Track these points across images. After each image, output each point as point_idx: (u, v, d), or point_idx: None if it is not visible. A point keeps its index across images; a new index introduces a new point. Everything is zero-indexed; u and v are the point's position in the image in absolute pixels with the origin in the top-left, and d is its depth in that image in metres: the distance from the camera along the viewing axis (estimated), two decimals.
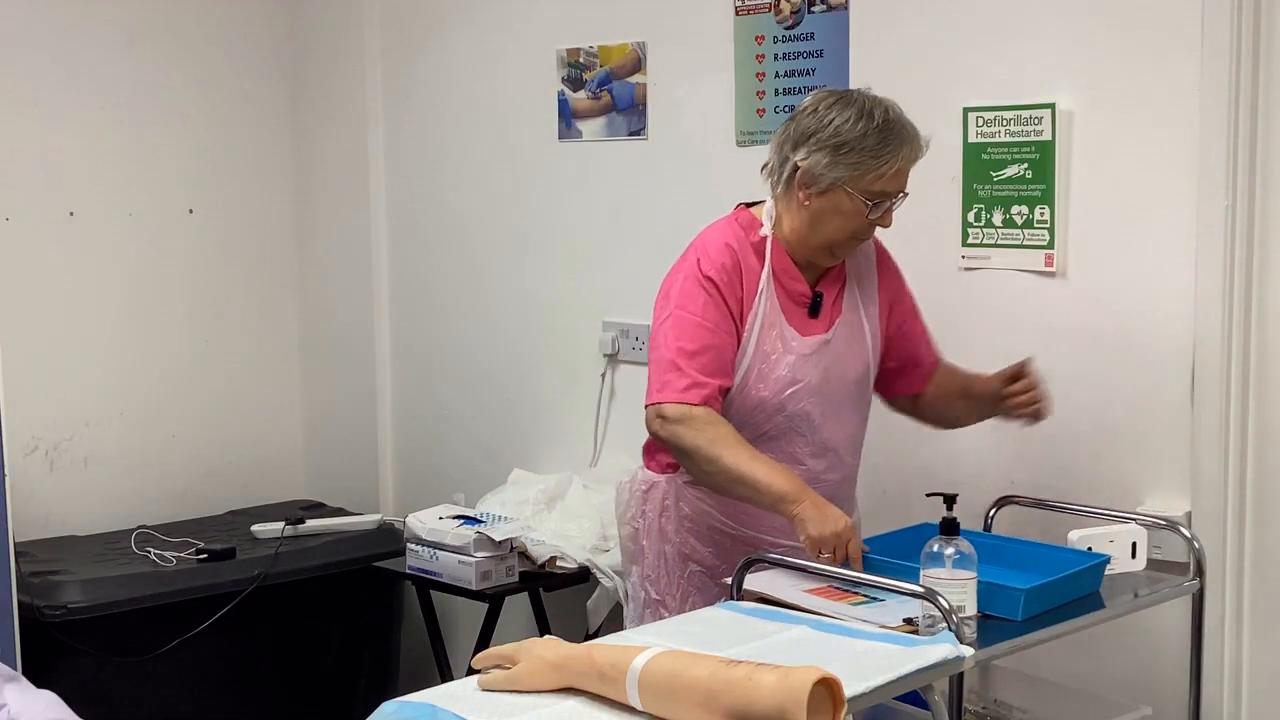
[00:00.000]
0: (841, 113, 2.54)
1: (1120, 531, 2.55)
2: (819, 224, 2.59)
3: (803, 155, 2.55)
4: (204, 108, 4.28)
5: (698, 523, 2.71)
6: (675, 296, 2.61)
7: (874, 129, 2.52)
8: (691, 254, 2.65)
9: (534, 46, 3.82)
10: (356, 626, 3.94)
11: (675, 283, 2.64)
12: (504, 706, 1.82)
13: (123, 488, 4.15)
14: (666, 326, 2.61)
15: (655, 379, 2.61)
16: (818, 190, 2.55)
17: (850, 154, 2.51)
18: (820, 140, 2.53)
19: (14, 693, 2.30)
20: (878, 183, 2.53)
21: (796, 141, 2.57)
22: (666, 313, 2.62)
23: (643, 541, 2.76)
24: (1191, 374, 2.73)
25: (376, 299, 4.30)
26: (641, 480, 2.78)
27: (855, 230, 2.59)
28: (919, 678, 2.01)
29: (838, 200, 2.55)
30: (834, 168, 2.53)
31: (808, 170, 2.55)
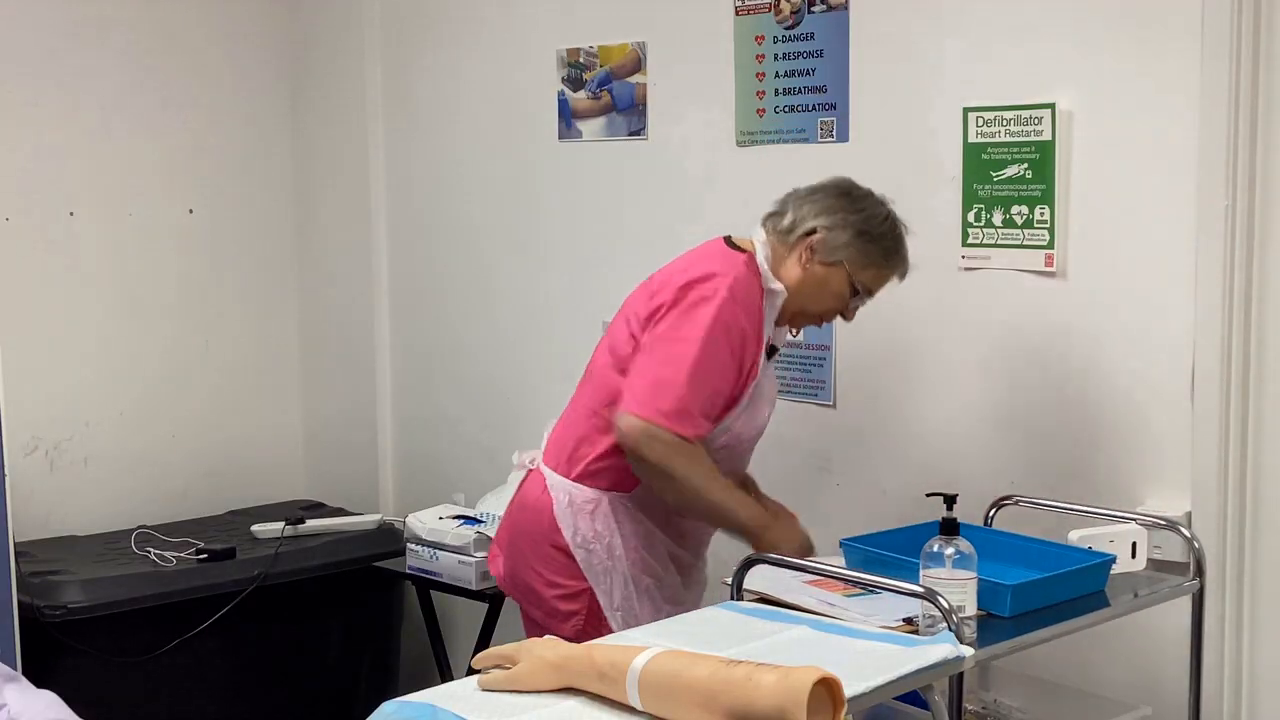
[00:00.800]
0: (875, 208, 2.72)
1: (1120, 531, 2.55)
2: (805, 290, 2.72)
3: (826, 223, 2.69)
4: (204, 108, 4.28)
5: (647, 539, 2.78)
6: (706, 326, 2.61)
7: (894, 235, 2.73)
8: (719, 285, 2.63)
9: (534, 46, 3.82)
10: (356, 626, 3.94)
11: (703, 308, 2.62)
12: (504, 706, 1.82)
13: (123, 488, 4.16)
14: (686, 351, 2.60)
15: (659, 396, 2.59)
16: (821, 260, 2.69)
17: (867, 243, 2.69)
18: (849, 221, 2.69)
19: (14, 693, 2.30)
20: (871, 278, 2.72)
21: (823, 210, 2.71)
22: (691, 333, 2.60)
23: (607, 563, 2.75)
24: (1191, 374, 2.73)
25: (376, 299, 4.30)
26: (583, 500, 2.75)
27: (827, 310, 2.77)
28: (919, 678, 2.01)
29: (833, 277, 2.70)
30: (849, 248, 2.68)
31: (824, 239, 2.69)
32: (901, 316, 3.14)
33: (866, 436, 3.23)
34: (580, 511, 2.75)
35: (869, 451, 3.23)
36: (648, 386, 2.61)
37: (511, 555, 2.89)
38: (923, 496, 2.48)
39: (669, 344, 2.62)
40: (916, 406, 3.13)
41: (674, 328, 2.63)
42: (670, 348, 2.62)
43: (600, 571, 2.76)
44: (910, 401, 3.14)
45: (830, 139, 3.22)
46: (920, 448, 3.13)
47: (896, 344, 3.16)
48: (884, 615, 2.23)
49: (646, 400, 2.60)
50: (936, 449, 3.10)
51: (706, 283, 2.65)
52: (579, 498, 2.76)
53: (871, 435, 3.23)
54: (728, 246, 2.76)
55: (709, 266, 2.69)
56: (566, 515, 2.76)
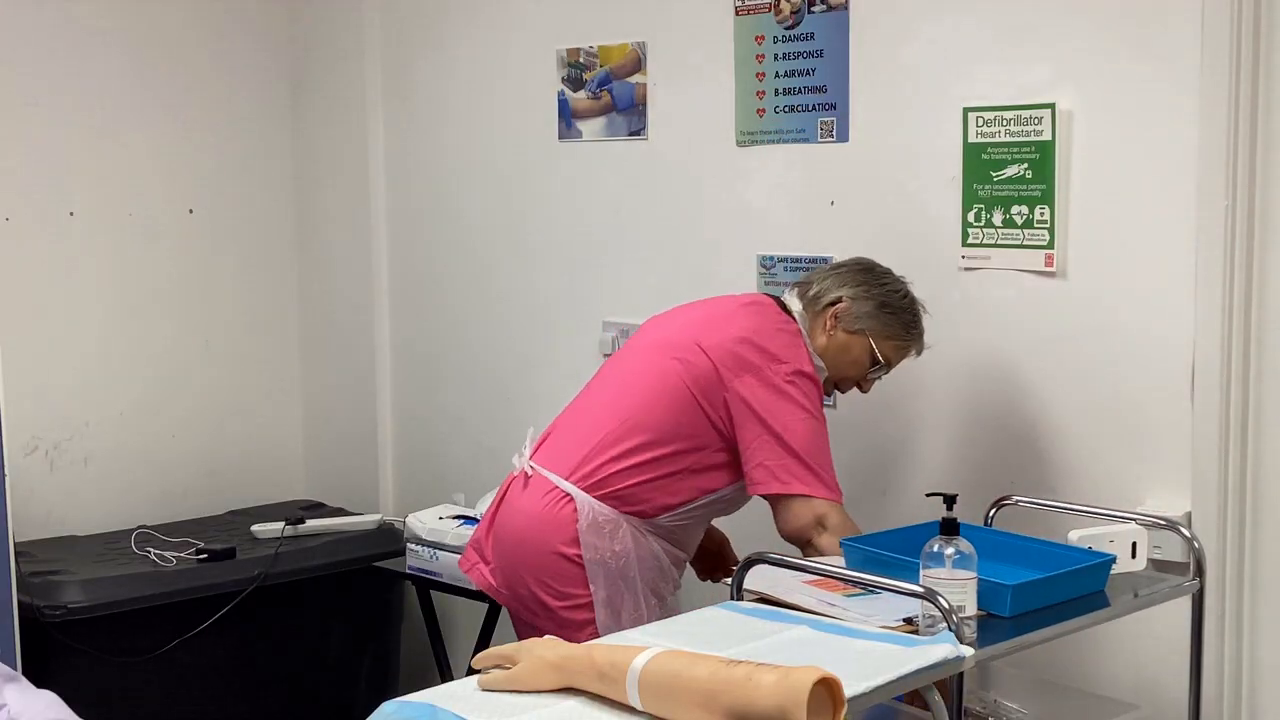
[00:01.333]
0: (896, 285, 2.87)
1: (1120, 531, 2.55)
2: (828, 356, 2.84)
3: (851, 293, 2.83)
4: (204, 108, 4.28)
5: (659, 560, 2.83)
6: (813, 405, 2.75)
7: (913, 310, 2.87)
8: (801, 362, 2.77)
9: (534, 46, 3.82)
10: (356, 626, 3.94)
11: (799, 389, 2.74)
12: (504, 706, 1.82)
13: (123, 488, 4.16)
14: (813, 428, 2.74)
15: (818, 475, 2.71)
16: (846, 328, 2.82)
17: (889, 314, 2.83)
18: (872, 294, 2.83)
19: (14, 693, 2.30)
20: (891, 350, 2.85)
21: (849, 282, 2.85)
22: (807, 414, 2.73)
23: (619, 582, 2.77)
24: (1191, 374, 2.73)
25: (376, 299, 4.30)
26: (604, 519, 2.76)
27: (845, 379, 2.88)
28: (919, 678, 2.01)
29: (856, 345, 2.83)
30: (871, 319, 2.82)
31: (849, 308, 2.82)
32: None
33: (866, 436, 3.23)
34: (600, 530, 2.76)
35: (869, 451, 3.23)
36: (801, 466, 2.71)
37: (507, 566, 2.85)
38: (923, 496, 2.48)
39: (796, 423, 2.73)
40: (916, 406, 3.13)
41: (789, 404, 2.73)
42: (801, 427, 2.72)
43: (613, 592, 2.77)
44: (910, 402, 3.14)
45: (830, 139, 3.22)
46: (920, 448, 3.13)
47: None
48: (884, 615, 2.23)
49: (811, 480, 2.71)
50: (936, 449, 3.10)
51: (793, 359, 2.77)
52: (600, 517, 2.76)
53: (871, 435, 3.23)
54: (781, 309, 2.88)
55: (782, 343, 2.79)
56: (589, 533, 2.76)
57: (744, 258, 3.38)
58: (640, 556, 2.78)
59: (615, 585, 2.76)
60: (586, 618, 2.76)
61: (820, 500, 2.70)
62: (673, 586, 2.90)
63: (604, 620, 2.76)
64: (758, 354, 2.76)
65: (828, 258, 3.20)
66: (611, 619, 2.76)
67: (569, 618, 2.76)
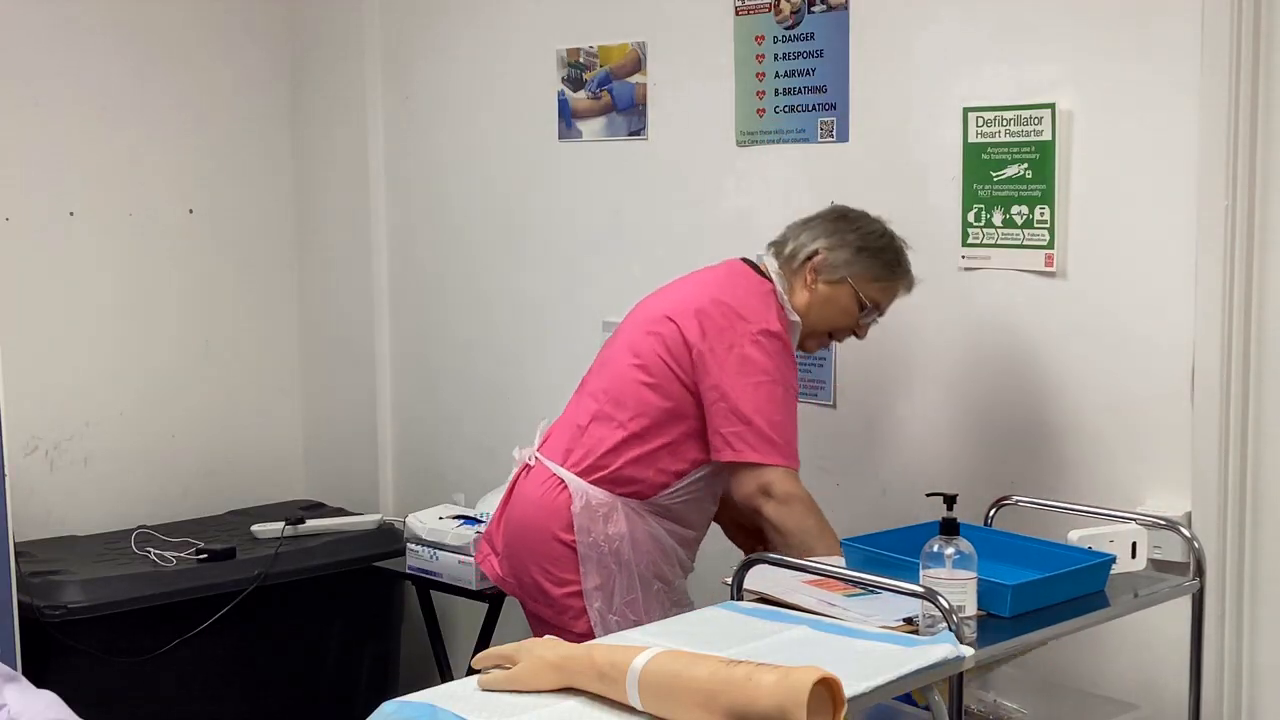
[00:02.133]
0: (870, 225, 2.83)
1: (1120, 531, 2.55)
2: (814, 311, 2.81)
3: (825, 244, 2.80)
4: (204, 108, 4.28)
5: (660, 542, 2.82)
6: (778, 369, 2.73)
7: (893, 248, 2.83)
8: (769, 321, 2.74)
9: (534, 46, 3.82)
10: (356, 626, 3.94)
11: (766, 351, 2.72)
12: (504, 706, 1.82)
13: (123, 488, 4.16)
14: (776, 395, 2.72)
15: (770, 440, 2.69)
16: (827, 279, 2.79)
17: (869, 257, 2.79)
18: (846, 240, 2.80)
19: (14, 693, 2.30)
20: (878, 292, 2.82)
21: (821, 234, 2.81)
22: (770, 379, 2.71)
23: (611, 565, 2.78)
24: (1191, 374, 2.73)
25: (377, 299, 4.30)
26: (599, 503, 2.79)
27: (838, 328, 2.85)
28: (919, 678, 2.01)
29: (840, 294, 2.80)
30: (851, 264, 2.79)
31: (827, 259, 2.79)
32: (901, 316, 3.13)
33: (866, 436, 3.23)
34: (594, 514, 2.78)
35: (869, 451, 3.23)
36: (754, 431, 2.70)
37: (513, 554, 2.89)
38: (923, 496, 2.48)
39: (760, 390, 2.71)
40: (916, 406, 3.14)
41: (751, 371, 2.71)
42: (760, 392, 2.71)
43: (604, 575, 2.78)
44: (910, 401, 3.14)
45: (830, 139, 3.22)
46: (920, 448, 3.12)
47: (896, 344, 3.15)
48: (884, 615, 2.23)
49: (763, 447, 2.70)
50: (936, 449, 3.10)
51: (751, 318, 2.74)
52: (594, 500, 2.78)
53: (871, 435, 3.23)
54: (753, 270, 2.84)
55: (752, 304, 2.77)
56: (583, 517, 2.78)
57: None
58: (637, 539, 2.78)
59: (608, 570, 2.78)
60: (584, 605, 2.79)
61: (768, 468, 2.70)
62: (680, 569, 2.89)
63: (596, 607, 2.78)
64: (723, 315, 2.75)
65: None
66: (604, 604, 2.77)
67: (568, 604, 2.79)
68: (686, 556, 2.91)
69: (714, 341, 2.73)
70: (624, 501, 2.79)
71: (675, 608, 2.80)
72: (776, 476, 2.70)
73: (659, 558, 2.83)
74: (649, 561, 2.81)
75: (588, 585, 2.79)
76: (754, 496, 2.72)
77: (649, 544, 2.80)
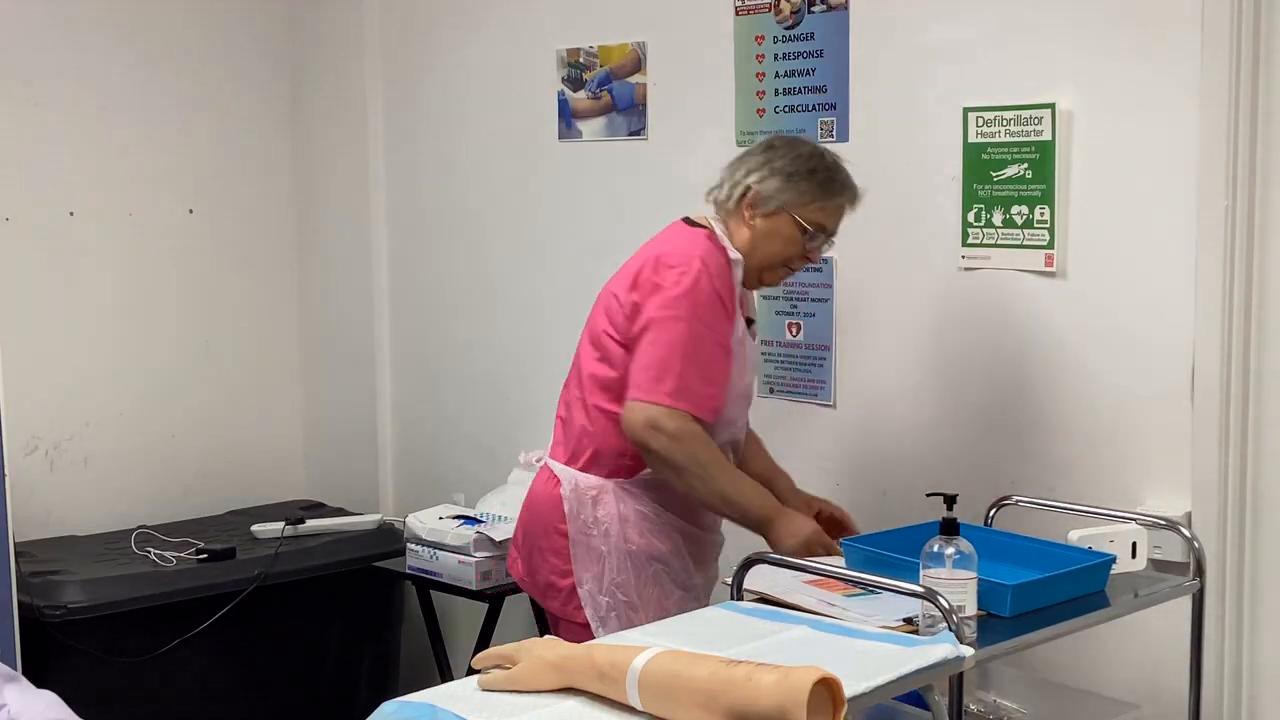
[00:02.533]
0: (796, 148, 2.78)
1: (1120, 531, 2.55)
2: (758, 245, 2.76)
3: (756, 179, 2.75)
4: (204, 108, 4.28)
5: (657, 521, 2.79)
6: (689, 304, 2.66)
7: (825, 166, 2.76)
8: (691, 262, 2.69)
9: (534, 46, 3.82)
10: (356, 626, 3.94)
11: (680, 285, 2.68)
12: (504, 706, 1.82)
13: (123, 488, 4.16)
14: (676, 331, 2.66)
15: (660, 379, 2.65)
16: (764, 211, 2.75)
17: (801, 181, 2.73)
18: (774, 168, 2.75)
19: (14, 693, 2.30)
20: (819, 214, 2.74)
21: (752, 168, 2.77)
22: (675, 315, 2.66)
23: (600, 547, 2.78)
24: (1191, 374, 2.73)
25: (376, 299, 4.30)
26: (587, 487, 2.79)
27: (789, 257, 2.79)
28: (919, 678, 2.01)
29: (780, 224, 2.74)
30: (784, 192, 2.73)
31: (759, 192, 2.74)
32: (901, 316, 3.14)
33: (866, 436, 3.23)
34: (583, 498, 2.79)
35: (869, 451, 3.22)
36: (646, 371, 2.67)
37: (526, 551, 2.91)
38: (923, 496, 2.48)
39: (658, 328, 2.68)
40: (916, 406, 3.13)
41: (660, 310, 2.68)
42: (660, 332, 2.67)
43: (593, 557, 2.77)
44: (910, 401, 3.14)
45: (830, 139, 3.22)
46: (920, 448, 3.12)
47: (896, 344, 3.16)
48: (884, 615, 2.23)
49: (649, 385, 2.65)
50: (936, 449, 3.10)
51: (680, 263, 2.70)
52: (583, 484, 2.79)
53: (871, 435, 3.23)
54: (689, 225, 2.82)
55: (677, 248, 2.75)
56: (571, 500, 2.80)
57: None
58: (626, 518, 2.77)
59: (597, 552, 2.77)
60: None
61: (657, 407, 2.63)
62: (688, 548, 2.82)
63: (587, 588, 2.77)
64: (652, 269, 2.73)
65: (828, 258, 3.21)
66: (594, 584, 2.77)
67: (572, 595, 2.80)
68: (695, 525, 2.84)
69: (642, 293, 2.72)
70: (616, 483, 2.78)
71: (678, 589, 2.79)
72: (663, 415, 2.63)
73: (656, 537, 2.79)
74: (643, 544, 2.78)
75: (578, 569, 2.79)
76: (638, 431, 2.64)
77: (640, 523, 2.78)
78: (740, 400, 2.84)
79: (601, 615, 2.76)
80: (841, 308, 3.24)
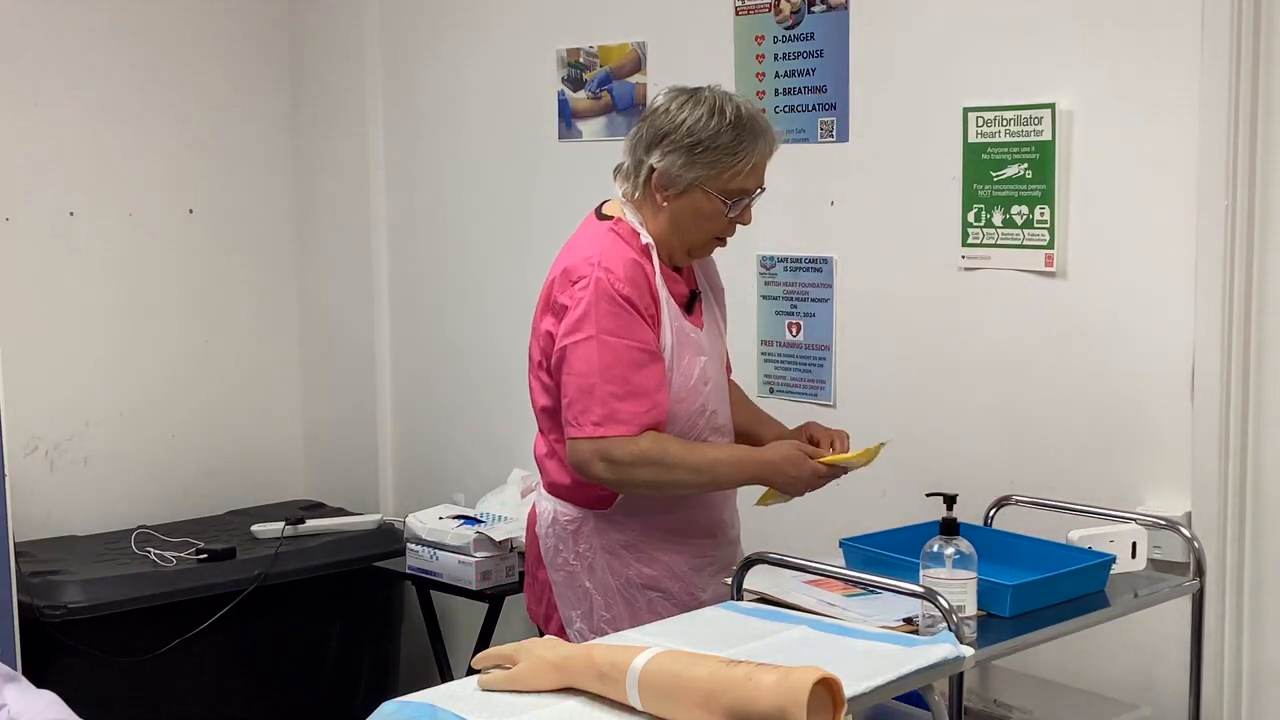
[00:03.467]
0: (693, 111, 2.51)
1: (1120, 531, 2.55)
2: (680, 226, 2.56)
3: (658, 157, 2.52)
4: (204, 108, 4.28)
5: (642, 549, 2.63)
6: (595, 319, 2.48)
7: (727, 126, 2.49)
8: (590, 269, 2.51)
9: (534, 46, 3.82)
10: (356, 626, 3.94)
11: (582, 301, 2.49)
12: (504, 706, 1.82)
13: (123, 488, 4.16)
14: (590, 352, 2.48)
15: (585, 410, 2.47)
16: (675, 192, 2.53)
17: (706, 153, 2.49)
18: (674, 141, 2.50)
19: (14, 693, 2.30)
20: (735, 180, 2.52)
21: (650, 143, 2.54)
22: (584, 335, 2.49)
23: (585, 583, 2.62)
24: (1191, 374, 2.73)
25: (376, 299, 4.30)
26: (567, 519, 2.63)
27: (716, 231, 2.58)
28: (919, 678, 2.01)
29: (696, 201, 2.53)
30: (690, 168, 2.50)
31: (664, 172, 2.52)
32: (901, 316, 3.14)
33: (866, 436, 3.22)
34: (563, 532, 2.64)
35: None
36: (571, 407, 2.51)
37: (530, 586, 2.77)
38: (923, 496, 2.48)
39: (571, 355, 2.50)
40: (916, 406, 3.13)
41: (567, 335, 2.51)
42: (573, 359, 2.50)
43: (579, 595, 2.63)
44: (910, 401, 3.14)
45: (830, 139, 3.22)
46: (920, 448, 3.12)
47: (896, 344, 3.15)
48: (884, 615, 2.23)
49: (577, 420, 2.49)
50: (936, 449, 3.10)
51: (581, 276, 2.51)
52: (563, 516, 2.64)
53: (871, 435, 3.22)
54: (597, 219, 2.64)
55: (579, 255, 2.55)
56: (549, 535, 2.65)
57: (743, 257, 3.37)
58: (608, 548, 2.61)
59: (582, 589, 2.62)
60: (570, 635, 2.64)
61: (589, 441, 2.46)
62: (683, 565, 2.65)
63: (576, 628, 2.63)
64: (559, 287, 2.54)
65: (828, 258, 3.21)
66: (584, 624, 2.63)
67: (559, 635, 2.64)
68: (700, 542, 2.67)
69: (553, 317, 2.55)
70: (595, 514, 2.61)
71: (686, 611, 2.54)
72: (602, 447, 2.46)
73: (645, 565, 2.63)
74: (630, 573, 2.62)
75: (565, 609, 2.65)
76: (585, 470, 2.48)
77: (624, 554, 2.62)
78: (696, 391, 2.61)
79: None
80: (841, 308, 3.24)
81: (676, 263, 2.63)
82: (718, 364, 2.71)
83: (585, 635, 2.60)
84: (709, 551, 2.71)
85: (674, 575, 2.66)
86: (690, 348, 2.61)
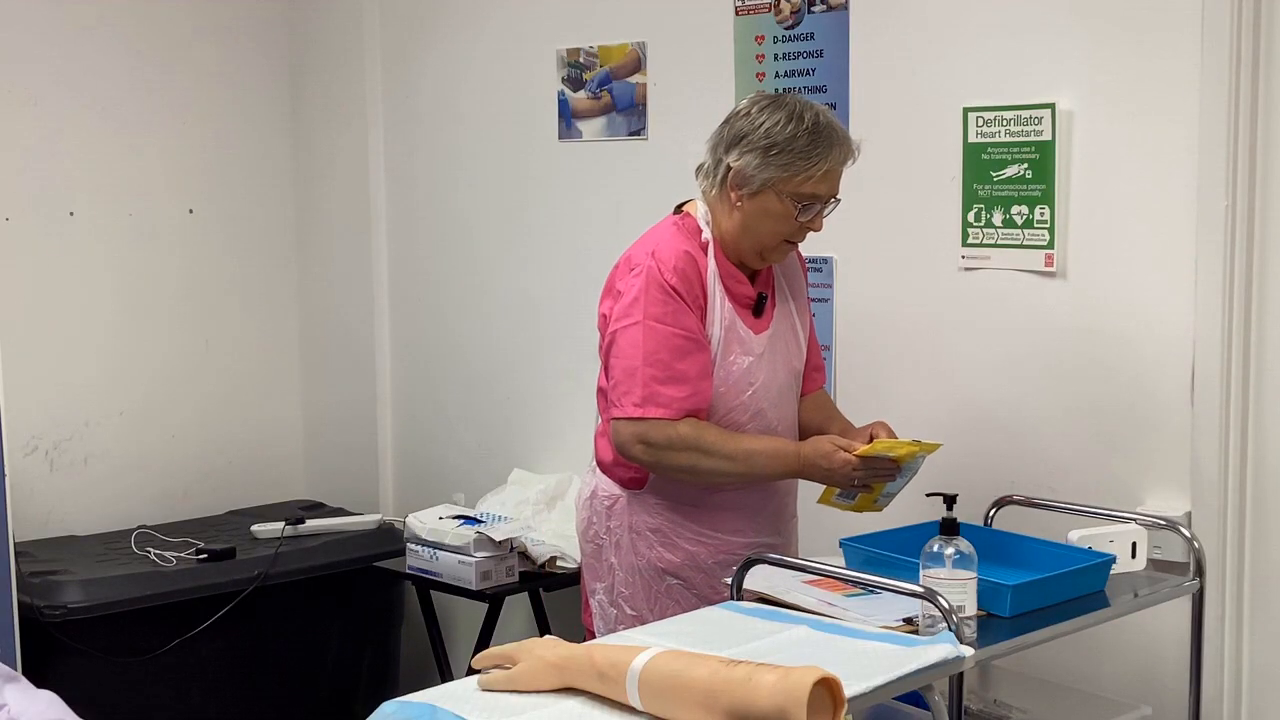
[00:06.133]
0: (772, 115, 2.59)
1: (1120, 531, 2.55)
2: (750, 226, 2.63)
3: (735, 157, 2.60)
4: (204, 108, 4.28)
5: (668, 535, 2.71)
6: (643, 305, 2.59)
7: (804, 131, 2.57)
8: (645, 259, 2.63)
9: (534, 46, 3.82)
10: (356, 626, 3.94)
11: (634, 288, 2.61)
12: (504, 706, 1.82)
13: (123, 488, 4.16)
14: (636, 336, 2.58)
15: (628, 391, 2.58)
16: (749, 192, 2.60)
17: (780, 155, 2.56)
18: (751, 142, 2.59)
19: (14, 693, 2.30)
20: (807, 185, 2.58)
21: (729, 144, 2.62)
22: (632, 320, 2.60)
23: (611, 559, 2.74)
24: (1191, 374, 2.73)
25: (376, 299, 4.30)
26: (604, 495, 2.75)
27: (786, 234, 2.64)
28: (919, 678, 2.01)
29: (768, 203, 2.60)
30: (764, 169, 2.57)
31: (739, 171, 2.60)
32: (901, 316, 3.14)
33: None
34: (599, 506, 2.75)
35: None
36: (617, 388, 2.62)
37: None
38: (923, 496, 2.48)
39: (620, 338, 2.62)
40: (916, 406, 3.13)
41: (618, 319, 2.62)
42: (621, 342, 2.61)
43: (605, 568, 2.75)
44: (910, 401, 3.14)
45: None
46: None
47: (896, 344, 3.15)
48: (884, 615, 2.24)
49: (621, 400, 2.60)
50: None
51: (638, 263, 2.63)
52: (602, 491, 2.75)
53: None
54: (673, 213, 2.75)
55: (643, 244, 2.68)
56: (586, 506, 2.78)
57: None
58: (635, 528, 2.71)
59: (608, 563, 2.74)
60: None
61: (630, 422, 2.56)
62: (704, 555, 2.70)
63: (598, 598, 2.75)
64: (619, 273, 2.67)
65: (828, 257, 3.21)
66: (605, 595, 2.74)
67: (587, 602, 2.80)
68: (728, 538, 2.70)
69: (609, 301, 2.67)
70: (630, 494, 2.72)
71: (706, 604, 2.57)
72: (642, 428, 2.56)
73: (667, 550, 2.69)
74: (653, 555, 2.69)
75: (589, 578, 2.78)
76: (625, 450, 2.60)
77: (650, 536, 2.70)
78: (735, 390, 2.66)
79: (610, 627, 2.70)
80: (841, 308, 3.24)
81: (747, 263, 2.70)
82: (776, 368, 2.75)
83: (605, 606, 2.73)
84: (738, 550, 2.71)
85: (697, 566, 2.71)
86: (736, 347, 2.68)
